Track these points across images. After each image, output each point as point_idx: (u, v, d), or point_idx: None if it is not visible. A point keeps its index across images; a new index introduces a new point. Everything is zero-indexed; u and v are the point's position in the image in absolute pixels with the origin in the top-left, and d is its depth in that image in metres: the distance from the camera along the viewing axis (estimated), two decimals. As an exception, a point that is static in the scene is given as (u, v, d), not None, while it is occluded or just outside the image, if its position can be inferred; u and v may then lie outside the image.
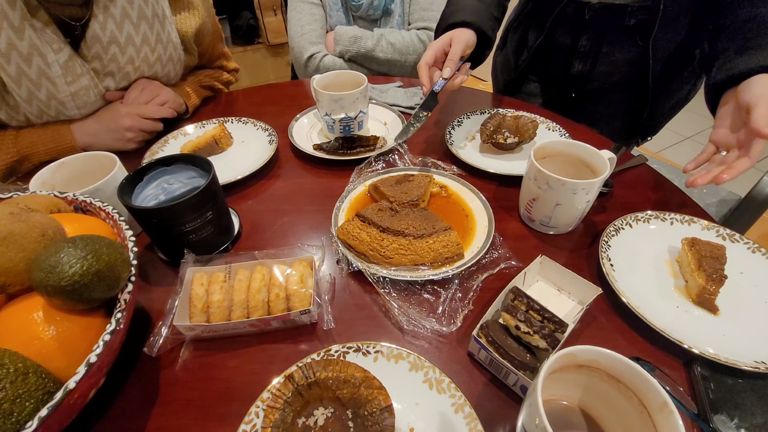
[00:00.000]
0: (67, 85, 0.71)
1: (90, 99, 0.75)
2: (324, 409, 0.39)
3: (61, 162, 0.60)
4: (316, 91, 0.78)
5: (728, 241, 0.58)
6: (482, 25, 0.74)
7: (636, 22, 0.82)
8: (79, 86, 0.73)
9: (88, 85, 0.74)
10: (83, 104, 0.75)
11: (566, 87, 1.01)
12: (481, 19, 0.75)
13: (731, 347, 0.45)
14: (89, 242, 0.35)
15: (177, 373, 0.47)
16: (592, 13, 0.84)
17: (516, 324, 0.44)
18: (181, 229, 0.53)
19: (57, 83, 0.70)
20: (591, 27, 0.87)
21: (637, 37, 0.84)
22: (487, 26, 0.75)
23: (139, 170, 0.56)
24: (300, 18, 1.18)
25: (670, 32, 0.82)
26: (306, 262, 0.52)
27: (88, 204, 0.49)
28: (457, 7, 0.78)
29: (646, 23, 0.81)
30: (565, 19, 0.88)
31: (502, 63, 1.14)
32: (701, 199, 0.99)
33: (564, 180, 0.54)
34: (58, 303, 0.35)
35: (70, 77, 0.71)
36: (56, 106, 0.73)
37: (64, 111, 0.74)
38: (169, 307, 0.48)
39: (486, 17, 0.77)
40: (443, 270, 0.54)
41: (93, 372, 0.34)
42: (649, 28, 0.81)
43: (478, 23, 0.74)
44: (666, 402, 0.32)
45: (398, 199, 0.65)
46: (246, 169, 0.73)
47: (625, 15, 0.82)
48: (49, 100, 0.72)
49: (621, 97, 0.97)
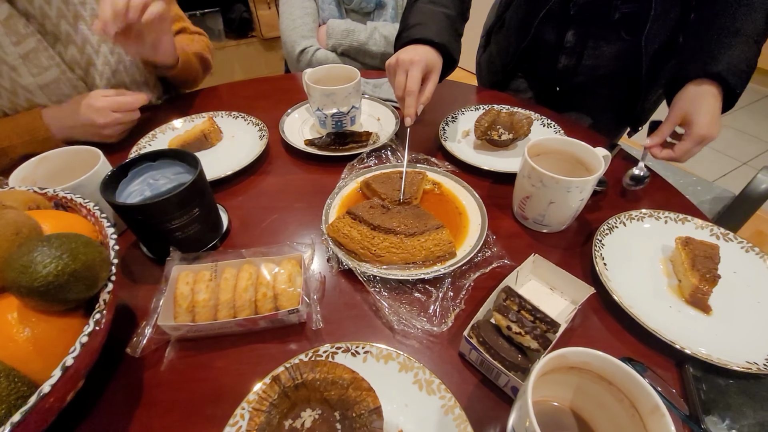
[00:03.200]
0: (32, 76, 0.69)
1: (46, 66, 0.72)
2: (311, 410, 0.39)
3: (42, 156, 0.59)
4: (307, 86, 0.77)
5: (722, 240, 0.58)
6: (450, 47, 0.71)
7: (620, 16, 0.81)
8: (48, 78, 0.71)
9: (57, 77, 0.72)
10: (38, 71, 0.72)
11: (552, 82, 1.01)
12: (449, 40, 0.72)
13: (723, 347, 0.45)
14: (65, 241, 0.34)
15: (162, 374, 0.45)
16: (577, 8, 0.83)
17: (507, 324, 0.43)
18: (166, 227, 0.52)
19: (21, 72, 0.68)
20: (576, 22, 0.86)
21: (622, 30, 0.84)
22: (454, 48, 0.73)
23: (123, 165, 0.55)
24: (292, 12, 1.16)
25: (660, 27, 0.82)
26: (295, 260, 0.51)
27: (69, 200, 0.48)
28: (422, 20, 0.73)
29: (630, 17, 0.81)
30: (550, 16, 0.87)
31: (486, 63, 1.12)
32: (695, 196, 0.99)
33: (558, 178, 0.54)
34: (33, 304, 0.34)
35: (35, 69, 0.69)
36: (26, 97, 0.71)
37: (33, 99, 0.73)
38: (153, 306, 0.46)
39: (452, 36, 0.74)
40: (435, 269, 0.53)
41: (70, 375, 0.33)
42: (635, 23, 0.81)
43: (445, 44, 0.70)
44: (657, 405, 0.31)
45: (390, 196, 0.64)
46: (236, 164, 0.72)
47: (610, 9, 0.81)
48: (15, 89, 0.70)
49: (607, 91, 0.97)
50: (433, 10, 0.76)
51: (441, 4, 0.77)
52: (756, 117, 2.43)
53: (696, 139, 0.62)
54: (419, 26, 0.72)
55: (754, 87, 2.70)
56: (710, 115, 0.62)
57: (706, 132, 0.62)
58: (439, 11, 0.76)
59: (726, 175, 2.03)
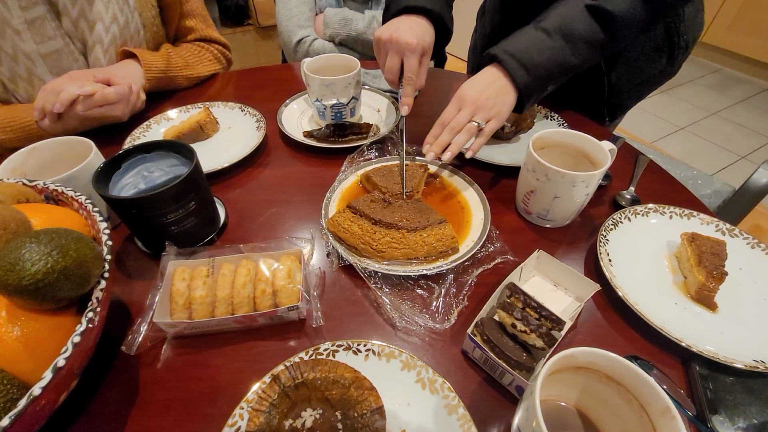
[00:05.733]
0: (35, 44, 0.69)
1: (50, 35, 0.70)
2: (312, 410, 0.38)
3: (32, 147, 0.57)
4: (306, 76, 0.75)
5: (728, 236, 0.57)
6: (444, 16, 0.67)
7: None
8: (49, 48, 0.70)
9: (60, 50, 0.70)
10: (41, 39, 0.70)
11: None
12: (442, 8, 0.67)
13: (730, 345, 0.45)
14: (55, 237, 0.32)
15: (158, 372, 0.44)
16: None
17: (512, 322, 0.42)
18: (162, 221, 0.50)
19: (24, 38, 0.67)
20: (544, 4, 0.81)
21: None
22: (447, 17, 0.68)
23: (116, 157, 0.53)
24: (288, 0, 1.13)
25: None
26: (294, 255, 0.49)
27: (59, 193, 0.46)
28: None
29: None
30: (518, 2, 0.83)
31: (472, 50, 1.11)
32: (695, 191, 0.97)
33: (564, 172, 0.52)
34: (21, 303, 0.32)
35: (38, 37, 0.68)
36: (26, 65, 0.70)
37: (33, 69, 0.71)
38: (149, 302, 0.45)
39: (445, 3, 0.69)
40: (437, 264, 0.52)
41: (62, 376, 0.31)
42: None
43: (440, 13, 0.66)
44: (669, 407, 0.31)
45: (391, 190, 0.62)
46: (232, 156, 0.70)
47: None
48: (16, 55, 0.68)
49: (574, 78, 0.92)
50: None
51: None
52: (755, 111, 2.42)
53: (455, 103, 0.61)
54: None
55: (753, 80, 2.69)
56: (471, 80, 0.61)
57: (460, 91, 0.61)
58: None
59: (724, 169, 2.02)
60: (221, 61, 1.01)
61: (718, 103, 2.49)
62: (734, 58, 2.71)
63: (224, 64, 1.03)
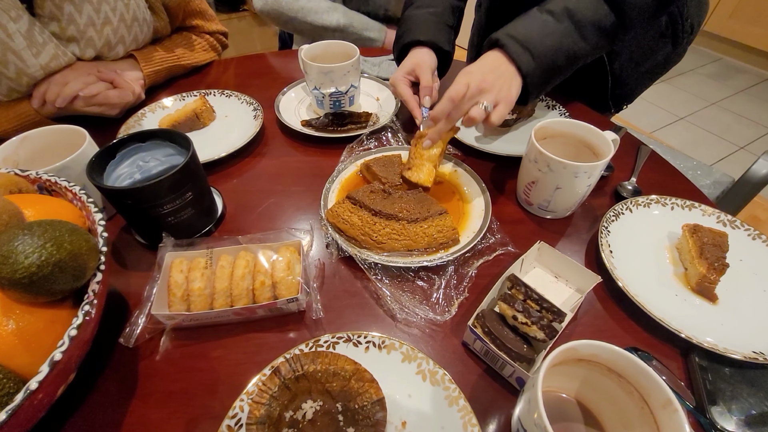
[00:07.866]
0: (35, 57, 0.66)
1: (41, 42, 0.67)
2: (313, 402, 0.38)
3: (24, 136, 0.55)
4: (304, 63, 0.73)
5: (728, 228, 0.57)
6: (437, 41, 0.72)
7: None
8: (47, 56, 0.67)
9: (55, 53, 0.68)
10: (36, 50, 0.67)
11: None
12: (435, 34, 0.73)
13: (729, 337, 0.45)
14: (49, 228, 0.32)
15: (157, 364, 0.44)
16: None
17: (513, 314, 0.42)
18: (158, 211, 0.49)
19: (24, 57, 0.65)
20: None
21: None
22: (442, 40, 0.73)
23: (111, 146, 0.52)
24: None
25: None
26: (293, 247, 0.49)
27: (53, 183, 0.45)
28: (410, 26, 0.75)
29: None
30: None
31: (470, 43, 1.10)
32: (694, 181, 0.97)
33: (566, 162, 0.52)
34: (15, 296, 0.32)
35: (35, 48, 0.65)
36: (28, 82, 0.68)
37: None
38: (146, 294, 0.44)
39: (440, 30, 0.74)
40: (438, 256, 0.52)
41: (59, 370, 0.31)
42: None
43: (432, 40, 0.72)
44: (670, 399, 0.31)
45: (391, 180, 0.61)
46: (229, 146, 0.69)
47: None
48: (20, 77, 0.67)
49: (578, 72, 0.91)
50: (417, 14, 0.76)
51: (425, 5, 0.77)
52: (755, 101, 2.41)
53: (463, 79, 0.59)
54: (406, 33, 0.74)
55: (753, 70, 2.67)
56: (473, 64, 0.60)
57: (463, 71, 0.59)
58: (423, 13, 0.76)
59: (723, 159, 2.02)
60: (216, 48, 1.00)
61: (718, 93, 2.47)
62: (735, 47, 2.69)
63: (219, 51, 1.01)
